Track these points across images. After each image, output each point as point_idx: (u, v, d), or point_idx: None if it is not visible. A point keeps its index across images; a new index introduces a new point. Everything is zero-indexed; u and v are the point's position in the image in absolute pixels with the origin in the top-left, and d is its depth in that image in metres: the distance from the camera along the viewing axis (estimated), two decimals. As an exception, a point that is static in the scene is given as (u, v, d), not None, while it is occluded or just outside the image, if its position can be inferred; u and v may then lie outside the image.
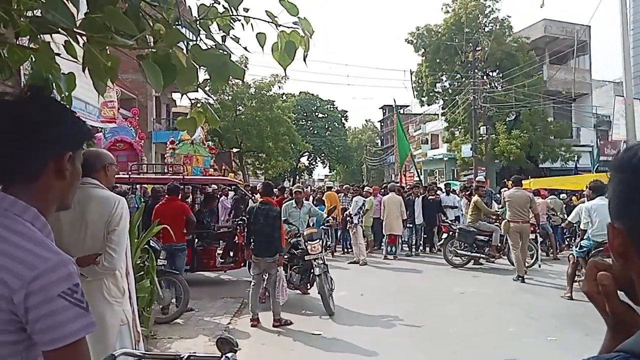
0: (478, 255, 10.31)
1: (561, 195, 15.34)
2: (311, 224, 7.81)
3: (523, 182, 10.20)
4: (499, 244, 10.23)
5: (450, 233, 10.83)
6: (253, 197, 9.61)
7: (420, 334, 5.91)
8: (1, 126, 1.14)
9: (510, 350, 5.20)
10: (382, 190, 13.91)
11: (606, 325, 0.89)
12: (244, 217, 7.72)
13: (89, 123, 1.30)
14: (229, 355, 1.75)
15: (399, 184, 15.40)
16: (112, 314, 2.77)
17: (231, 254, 9.23)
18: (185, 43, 1.83)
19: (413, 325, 6.23)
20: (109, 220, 2.80)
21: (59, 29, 1.33)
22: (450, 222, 11.84)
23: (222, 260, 9.15)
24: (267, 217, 6.12)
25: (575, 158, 25.65)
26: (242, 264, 8.51)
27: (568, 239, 9.55)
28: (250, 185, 15.94)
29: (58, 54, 1.52)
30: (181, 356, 1.87)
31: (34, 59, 2.13)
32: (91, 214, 2.78)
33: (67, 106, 1.26)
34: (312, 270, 6.86)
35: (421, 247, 12.91)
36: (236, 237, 8.89)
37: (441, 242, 11.53)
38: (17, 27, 1.76)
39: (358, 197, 12.30)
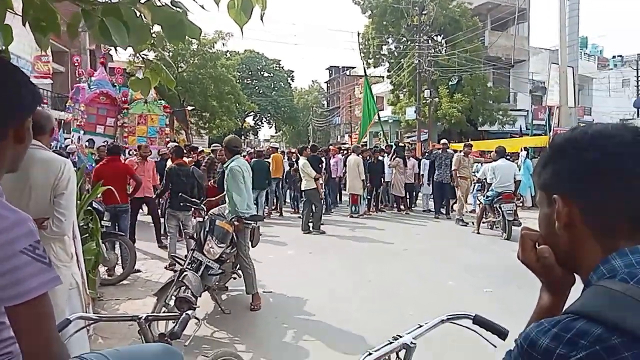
0: None
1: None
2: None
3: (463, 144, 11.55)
4: None
5: None
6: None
7: (365, 290, 6.17)
8: None
9: (449, 303, 5.55)
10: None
11: (546, 288, 0.96)
12: None
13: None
14: (189, 312, 1.78)
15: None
16: (61, 278, 2.71)
17: None
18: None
19: (359, 281, 6.48)
20: (56, 183, 2.70)
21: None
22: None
23: None
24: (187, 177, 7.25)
25: (513, 122, 26.86)
26: None
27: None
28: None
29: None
30: (139, 317, 1.88)
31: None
32: (35, 177, 2.66)
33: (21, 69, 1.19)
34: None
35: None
36: None
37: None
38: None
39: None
